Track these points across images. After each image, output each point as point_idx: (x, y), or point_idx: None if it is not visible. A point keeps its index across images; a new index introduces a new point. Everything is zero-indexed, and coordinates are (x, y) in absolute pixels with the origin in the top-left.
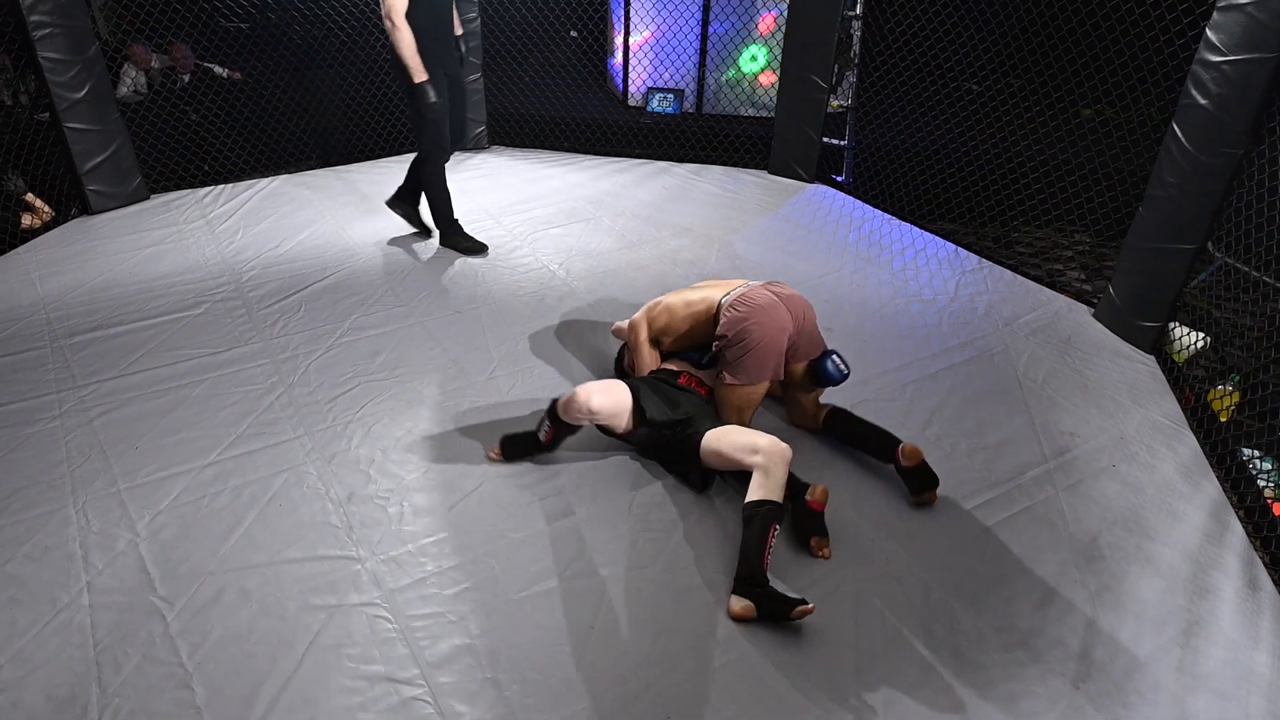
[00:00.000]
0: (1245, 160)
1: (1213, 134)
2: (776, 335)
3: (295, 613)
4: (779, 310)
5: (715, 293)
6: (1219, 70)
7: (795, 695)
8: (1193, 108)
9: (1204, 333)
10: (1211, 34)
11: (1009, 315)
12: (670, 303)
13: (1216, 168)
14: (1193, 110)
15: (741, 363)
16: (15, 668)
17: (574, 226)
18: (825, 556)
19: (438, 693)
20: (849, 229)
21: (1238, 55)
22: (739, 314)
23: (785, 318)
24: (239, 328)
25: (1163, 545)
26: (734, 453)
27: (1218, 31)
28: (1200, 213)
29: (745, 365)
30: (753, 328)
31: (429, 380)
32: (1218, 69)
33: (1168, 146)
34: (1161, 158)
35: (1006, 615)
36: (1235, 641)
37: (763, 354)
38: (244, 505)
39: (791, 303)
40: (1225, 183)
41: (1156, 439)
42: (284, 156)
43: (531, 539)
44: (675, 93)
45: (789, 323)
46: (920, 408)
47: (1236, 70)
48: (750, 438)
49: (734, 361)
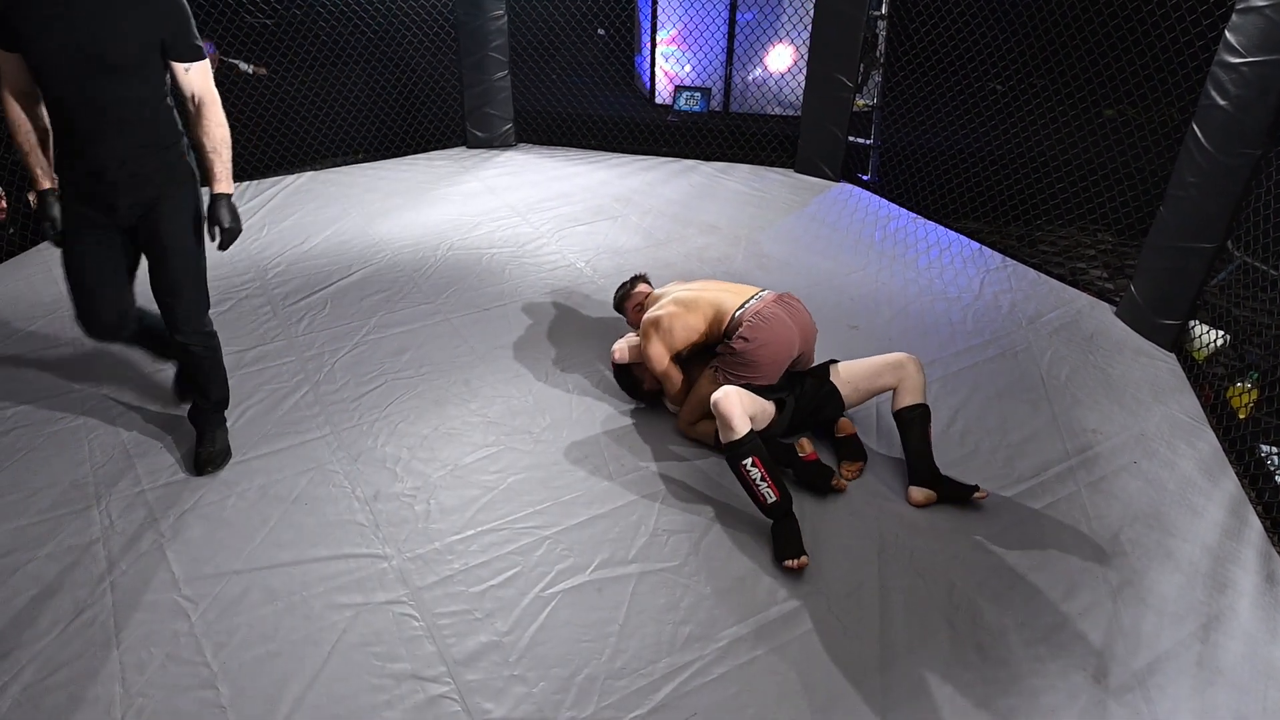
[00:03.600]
0: (1264, 160)
1: (1232, 134)
2: (783, 362)
3: (321, 611)
4: (791, 339)
5: (724, 299)
6: (1238, 71)
7: (820, 691)
8: (1212, 108)
9: (1224, 331)
10: (1230, 36)
11: (1032, 313)
12: (686, 321)
13: (1235, 168)
14: (1212, 111)
15: (739, 373)
16: (38, 668)
17: (600, 224)
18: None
19: (464, 690)
20: (874, 227)
21: (1256, 57)
22: (755, 341)
23: (794, 345)
24: (264, 325)
25: (1183, 541)
26: (877, 375)
27: (1237, 33)
28: (1220, 212)
29: (742, 375)
30: (764, 357)
31: (455, 378)
32: (1237, 70)
33: (1188, 147)
34: (1182, 158)
35: (1029, 611)
36: (1254, 635)
37: (763, 374)
38: (269, 504)
39: (804, 330)
40: (1244, 182)
41: (1177, 436)
42: (310, 153)
43: (558, 536)
44: (702, 91)
45: (795, 349)
46: (944, 405)
47: (1255, 72)
48: (882, 357)
49: (733, 369)
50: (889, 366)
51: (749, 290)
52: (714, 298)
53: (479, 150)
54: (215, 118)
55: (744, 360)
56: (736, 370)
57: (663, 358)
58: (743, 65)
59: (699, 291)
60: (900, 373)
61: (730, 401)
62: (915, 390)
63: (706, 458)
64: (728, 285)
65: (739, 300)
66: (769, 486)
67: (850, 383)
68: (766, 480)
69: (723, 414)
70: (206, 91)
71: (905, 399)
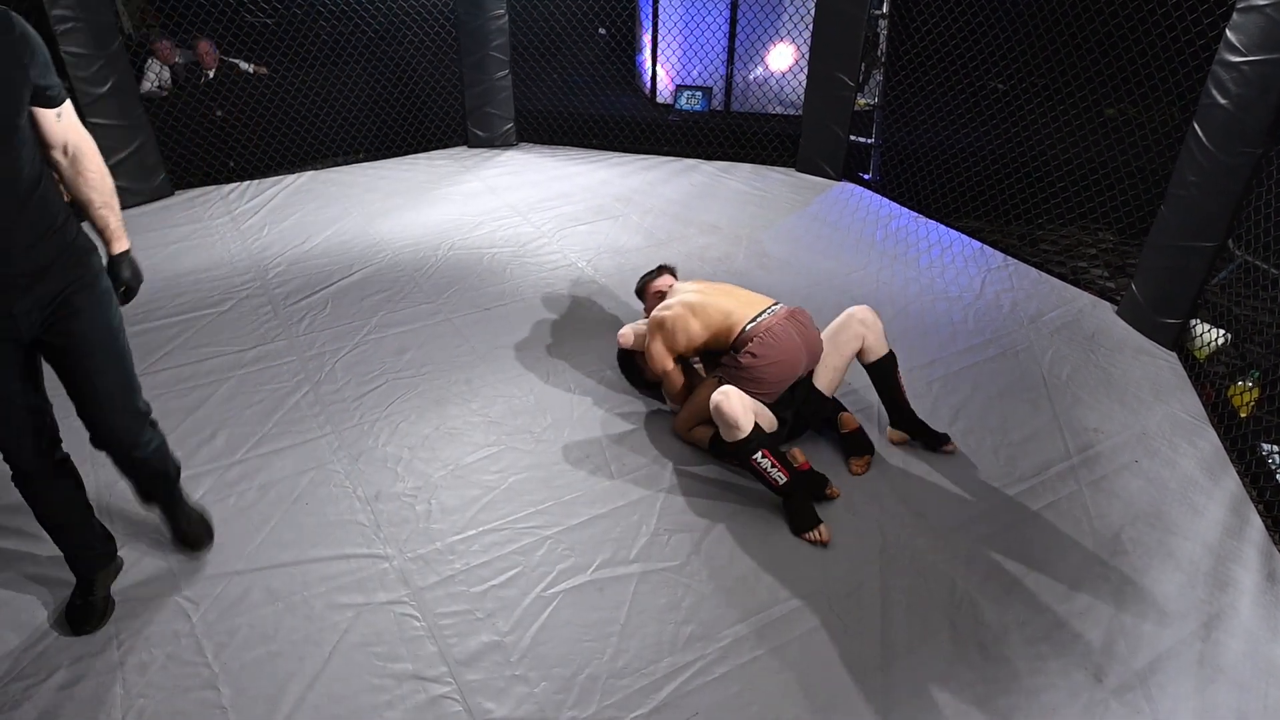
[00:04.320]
0: (1264, 159)
1: (1233, 133)
2: (787, 381)
3: (322, 611)
4: (799, 359)
5: (735, 309)
6: (1239, 70)
7: (822, 690)
8: (1213, 107)
9: (1224, 329)
10: (1231, 35)
11: (1034, 312)
12: (689, 325)
13: (1236, 167)
14: (1213, 110)
15: (743, 387)
16: (37, 669)
17: (601, 224)
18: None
19: (465, 690)
20: (876, 226)
21: (1257, 56)
22: (763, 359)
23: (801, 365)
24: (265, 325)
25: (1184, 539)
26: (845, 348)
27: (1237, 32)
28: (1221, 211)
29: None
30: (770, 375)
31: (456, 377)
32: (1237, 69)
33: (1189, 146)
34: (1183, 157)
35: (1030, 610)
36: (1255, 634)
37: (767, 391)
38: (270, 504)
39: (811, 349)
40: (1245, 181)
41: (1178, 434)
42: (311, 152)
43: (559, 536)
44: (704, 90)
45: (802, 369)
46: (946, 404)
47: (1256, 70)
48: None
49: (735, 383)
50: (848, 327)
51: (762, 302)
52: (724, 306)
53: (480, 150)
54: (98, 165)
55: (750, 376)
56: (740, 385)
57: (664, 358)
58: (744, 64)
59: (710, 297)
60: (860, 329)
61: (731, 403)
62: (876, 340)
63: (707, 459)
64: (742, 294)
65: (751, 313)
66: (779, 471)
67: (827, 365)
68: (777, 466)
69: (726, 416)
70: (83, 137)
71: (871, 354)
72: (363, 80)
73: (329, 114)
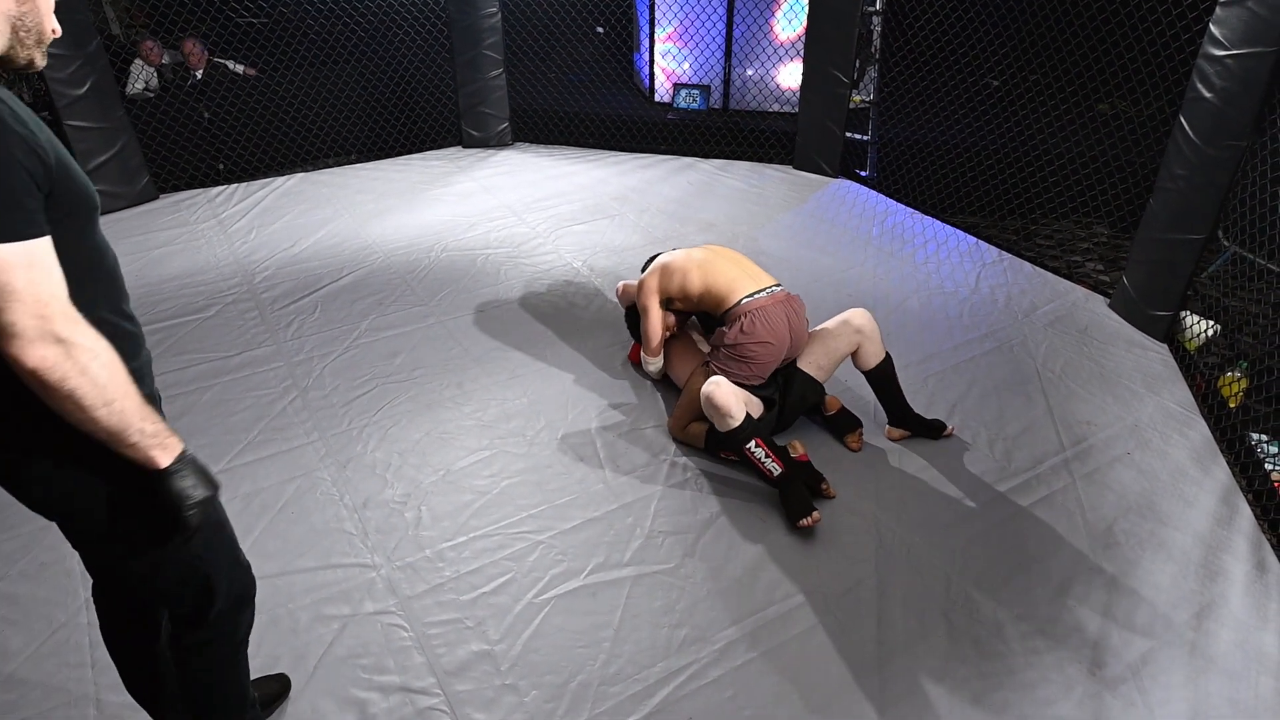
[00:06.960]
0: (1249, 152)
1: (1218, 127)
2: (773, 363)
3: (308, 624)
4: (784, 344)
5: (736, 279)
6: (1223, 64)
7: (818, 690)
8: (1198, 101)
9: (1215, 321)
10: (1215, 29)
11: (1028, 307)
12: (687, 274)
13: (1222, 159)
14: (1198, 104)
15: (731, 369)
16: (8, 690)
17: (598, 223)
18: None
19: (455, 701)
20: (872, 223)
21: (1240, 50)
22: (753, 335)
23: (784, 350)
24: (251, 330)
25: (1175, 530)
26: (835, 351)
27: (1221, 26)
28: (1208, 203)
29: (734, 372)
30: (758, 354)
31: (448, 381)
32: (1221, 63)
33: (1175, 139)
34: (1170, 151)
35: (1025, 604)
36: (1245, 623)
37: (754, 371)
38: (254, 514)
39: (796, 338)
40: (1231, 174)
41: (1169, 426)
42: (301, 154)
43: (551, 541)
44: (701, 89)
45: (784, 353)
46: (942, 399)
47: (1239, 64)
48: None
49: (725, 364)
50: (842, 334)
51: (766, 279)
52: (729, 272)
53: (475, 150)
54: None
55: (739, 354)
56: (729, 366)
57: (651, 295)
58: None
59: (718, 258)
60: (856, 337)
61: (723, 392)
62: (874, 347)
63: (702, 459)
64: (749, 266)
65: (751, 287)
66: (773, 461)
67: (814, 364)
68: (770, 456)
69: (718, 404)
70: None
71: (870, 360)
72: (355, 80)
73: (320, 115)
